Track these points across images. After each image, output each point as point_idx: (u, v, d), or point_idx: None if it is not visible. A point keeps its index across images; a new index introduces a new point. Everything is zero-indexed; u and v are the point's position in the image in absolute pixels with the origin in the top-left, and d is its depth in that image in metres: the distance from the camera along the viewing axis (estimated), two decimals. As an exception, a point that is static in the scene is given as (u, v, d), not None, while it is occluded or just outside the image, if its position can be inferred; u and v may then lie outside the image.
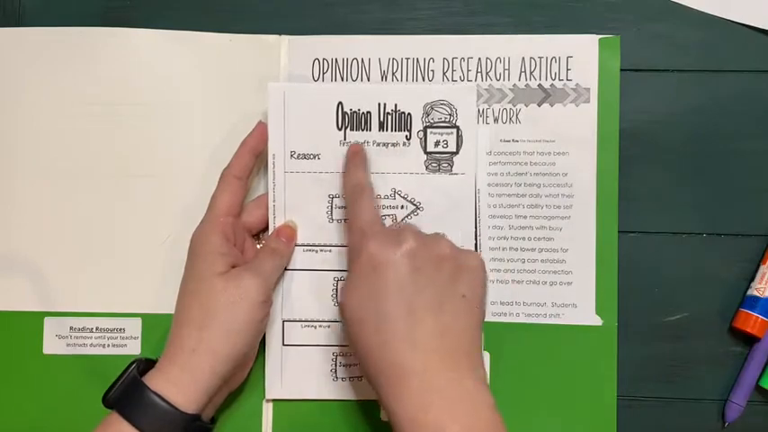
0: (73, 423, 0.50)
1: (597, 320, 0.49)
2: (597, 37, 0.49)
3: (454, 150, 0.48)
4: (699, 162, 0.50)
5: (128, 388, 0.43)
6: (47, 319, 0.51)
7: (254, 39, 0.51)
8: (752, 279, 0.49)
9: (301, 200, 0.48)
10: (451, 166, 0.48)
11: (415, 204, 0.48)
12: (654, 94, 0.50)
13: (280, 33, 0.51)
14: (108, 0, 0.52)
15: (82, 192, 0.51)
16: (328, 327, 0.49)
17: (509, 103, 0.50)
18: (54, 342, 0.51)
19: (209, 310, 0.44)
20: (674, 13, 0.50)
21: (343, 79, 0.51)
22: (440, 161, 0.48)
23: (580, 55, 0.50)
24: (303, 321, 0.49)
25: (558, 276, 0.49)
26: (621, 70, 0.49)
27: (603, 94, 0.49)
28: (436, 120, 0.48)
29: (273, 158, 0.48)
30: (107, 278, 0.51)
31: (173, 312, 0.46)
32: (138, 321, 0.50)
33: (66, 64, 0.51)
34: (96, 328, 0.51)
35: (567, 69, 0.50)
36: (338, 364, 0.49)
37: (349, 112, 0.48)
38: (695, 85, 0.50)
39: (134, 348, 0.50)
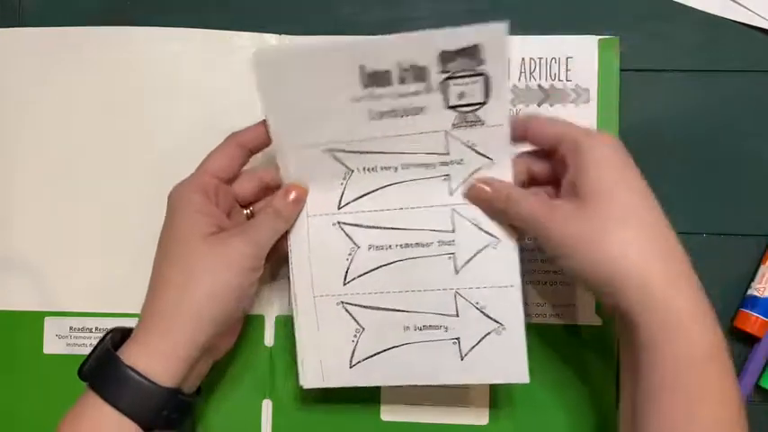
0: (73, 423, 0.50)
1: (597, 320, 0.49)
2: (597, 38, 0.49)
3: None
4: (699, 162, 0.50)
5: (101, 362, 0.40)
6: (47, 319, 0.51)
7: (255, 38, 0.51)
8: (752, 279, 0.49)
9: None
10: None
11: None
12: (654, 94, 0.50)
13: (280, 33, 0.51)
14: (108, 0, 0.52)
15: (82, 192, 0.51)
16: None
17: (509, 103, 0.50)
18: (54, 342, 0.51)
19: (192, 273, 0.40)
20: (674, 13, 0.50)
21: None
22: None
23: (580, 55, 0.50)
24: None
25: (558, 276, 0.49)
26: (621, 70, 0.49)
27: (603, 95, 0.49)
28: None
29: (279, 137, 0.43)
30: (107, 278, 0.51)
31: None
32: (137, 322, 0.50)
33: (66, 64, 0.51)
34: (96, 329, 0.51)
35: (567, 70, 0.50)
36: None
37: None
38: (695, 85, 0.50)
39: (134, 348, 0.50)
